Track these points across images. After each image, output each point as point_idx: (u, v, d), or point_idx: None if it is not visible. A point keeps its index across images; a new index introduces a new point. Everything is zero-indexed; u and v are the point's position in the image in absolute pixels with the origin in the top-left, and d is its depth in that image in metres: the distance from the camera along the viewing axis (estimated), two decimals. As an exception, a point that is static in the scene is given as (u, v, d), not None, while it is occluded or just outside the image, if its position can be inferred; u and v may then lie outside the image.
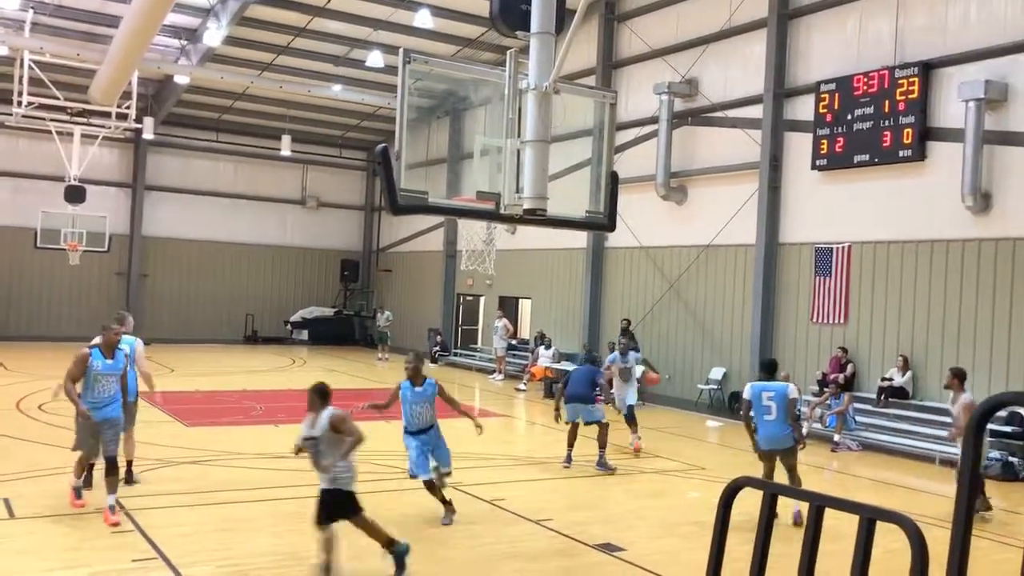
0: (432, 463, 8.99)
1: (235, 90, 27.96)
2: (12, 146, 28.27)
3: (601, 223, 6.96)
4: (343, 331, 32.96)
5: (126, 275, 30.20)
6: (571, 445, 12.13)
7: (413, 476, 8.91)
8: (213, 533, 8.32)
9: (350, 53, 25.61)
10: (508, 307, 26.00)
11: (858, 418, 15.47)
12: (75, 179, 24.03)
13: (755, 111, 18.52)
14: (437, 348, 27.81)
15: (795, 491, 2.80)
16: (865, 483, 12.57)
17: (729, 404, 18.52)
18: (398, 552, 7.15)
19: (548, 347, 21.75)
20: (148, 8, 14.91)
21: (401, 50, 6.01)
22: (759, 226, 18.18)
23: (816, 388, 16.41)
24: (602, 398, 12.61)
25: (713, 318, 19.53)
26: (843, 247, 16.80)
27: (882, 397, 15.52)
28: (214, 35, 22.81)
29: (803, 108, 17.66)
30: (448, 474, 9.20)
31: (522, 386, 21.40)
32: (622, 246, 21.46)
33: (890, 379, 15.58)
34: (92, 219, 25.17)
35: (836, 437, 14.91)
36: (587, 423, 12.01)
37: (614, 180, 6.84)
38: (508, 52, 6.21)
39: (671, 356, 20.32)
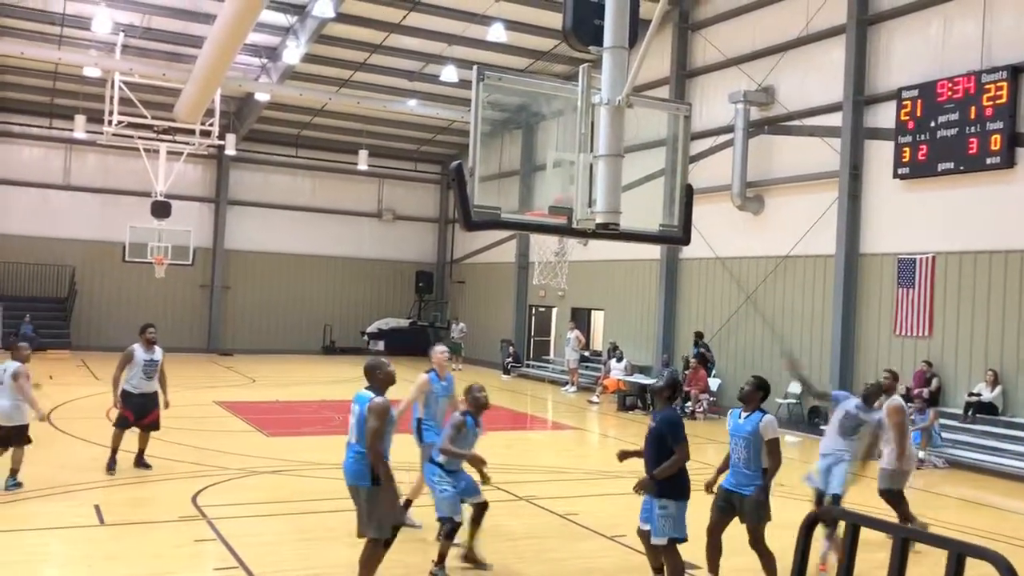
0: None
1: (314, 106, 28.58)
2: (102, 163, 29.42)
3: (675, 236, 6.88)
4: (418, 342, 33.22)
5: (209, 288, 31.09)
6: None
7: (444, 519, 7.49)
8: (292, 543, 8.47)
9: (425, 68, 25.96)
10: (580, 319, 25.91)
11: (944, 434, 14.95)
12: (161, 195, 24.84)
13: (834, 119, 18.13)
14: (509, 359, 27.87)
15: (879, 522, 2.70)
16: (951, 502, 12.13)
17: (809, 418, 18.11)
18: None
19: (620, 359, 21.60)
20: (230, 28, 15.37)
21: (475, 68, 6.06)
22: (839, 236, 17.77)
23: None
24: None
25: (791, 330, 19.13)
26: (927, 257, 16.29)
27: (969, 412, 14.98)
28: (293, 53, 23.39)
29: (884, 115, 17.22)
30: (484, 505, 7.85)
31: (595, 398, 21.30)
32: (697, 257, 21.20)
33: (978, 394, 15.03)
34: (177, 233, 25.99)
35: (921, 454, 14.42)
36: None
37: (689, 193, 6.76)
38: (581, 67, 6.20)
39: (748, 369, 19.90)
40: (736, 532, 7.50)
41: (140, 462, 11.21)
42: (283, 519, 9.32)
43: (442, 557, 7.50)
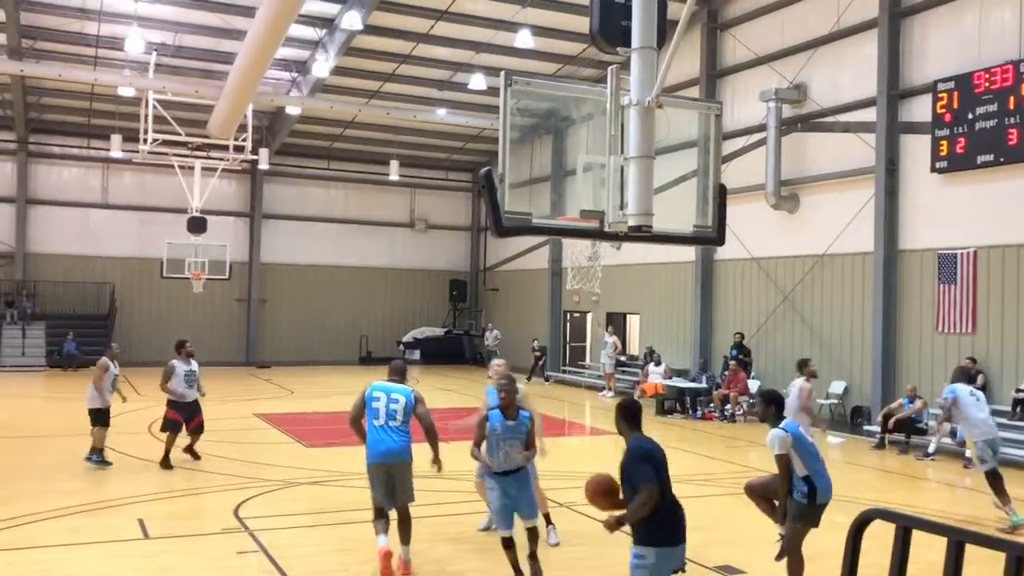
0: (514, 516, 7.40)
1: (344, 118, 28.80)
2: (139, 181, 29.86)
3: (710, 237, 6.78)
4: (453, 350, 33.36)
5: (246, 301, 31.41)
6: None
7: (486, 529, 7.35)
8: (333, 554, 8.49)
9: (453, 77, 26.05)
10: (616, 323, 25.79)
11: (992, 432, 14.61)
12: (197, 210, 25.16)
13: (868, 114, 17.89)
14: (542, 361, 27.62)
15: (931, 524, 2.60)
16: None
17: (851, 419, 17.84)
18: None
19: (658, 363, 21.44)
20: (261, 43, 15.54)
21: (503, 73, 6.03)
22: (877, 233, 17.51)
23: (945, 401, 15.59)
24: None
25: (831, 330, 18.87)
26: (968, 252, 15.99)
27: (1018, 409, 14.65)
28: (323, 66, 23.60)
29: (920, 109, 16.95)
30: (534, 531, 7.45)
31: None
32: (732, 258, 21.01)
33: (1026, 390, 14.70)
34: (213, 248, 26.33)
35: (968, 453, 14.13)
36: None
37: (722, 193, 6.67)
38: (609, 68, 6.15)
39: (787, 370, 19.67)
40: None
41: (192, 452, 12.79)
42: (324, 530, 9.35)
43: (514, 566, 7.31)
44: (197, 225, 25.24)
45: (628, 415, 6.12)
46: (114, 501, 10.20)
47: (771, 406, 7.31)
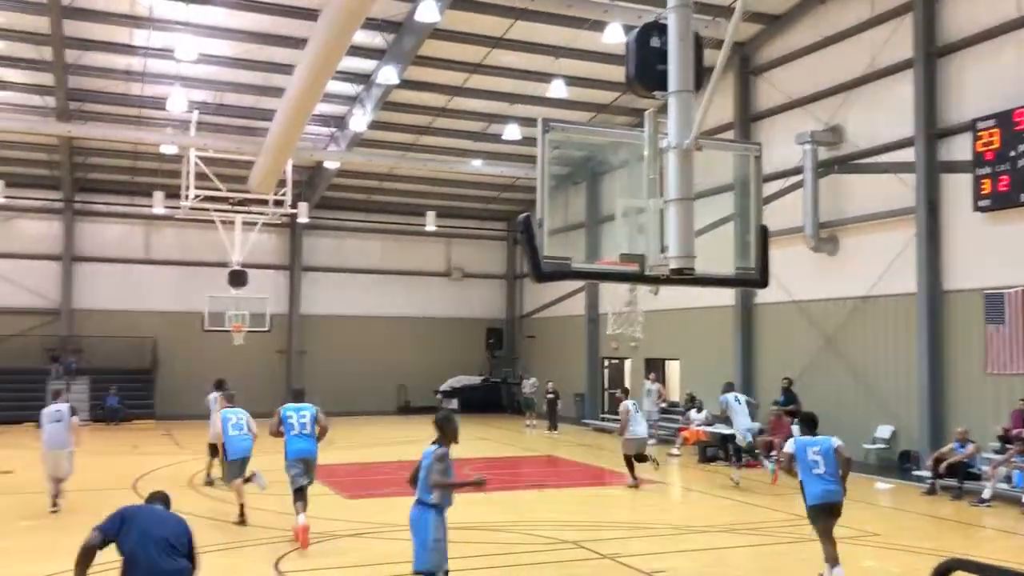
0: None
1: (381, 171, 29.19)
2: (181, 236, 30.41)
3: (753, 279, 6.73)
4: (491, 398, 33.21)
5: (286, 353, 31.64)
6: None
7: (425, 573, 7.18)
8: (374, 607, 8.37)
9: (488, 128, 26.34)
10: (655, 368, 25.54)
11: (1050, 476, 14.16)
12: (238, 264, 25.49)
13: (907, 154, 17.73)
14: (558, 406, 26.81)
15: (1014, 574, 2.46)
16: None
17: (900, 463, 17.39)
18: None
19: (700, 410, 21.13)
20: (299, 100, 15.85)
21: (540, 120, 6.08)
22: (919, 274, 17.23)
23: (998, 445, 15.17)
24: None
25: (876, 373, 18.50)
26: (1017, 292, 15.65)
27: (1074, 452, 14.17)
28: (360, 121, 24.00)
29: (960, 147, 16.76)
30: None
31: (675, 451, 20.82)
32: (772, 301, 20.77)
33: (1083, 432, 14.23)
34: (254, 301, 26.61)
35: (1025, 498, 13.68)
36: None
37: (764, 234, 6.63)
38: (646, 113, 6.18)
39: (832, 414, 19.24)
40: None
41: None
42: (365, 583, 9.23)
43: None
44: (238, 278, 25.55)
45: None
46: (156, 555, 10.15)
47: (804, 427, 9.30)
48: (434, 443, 7.15)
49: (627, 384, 27.21)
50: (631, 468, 15.70)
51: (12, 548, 10.62)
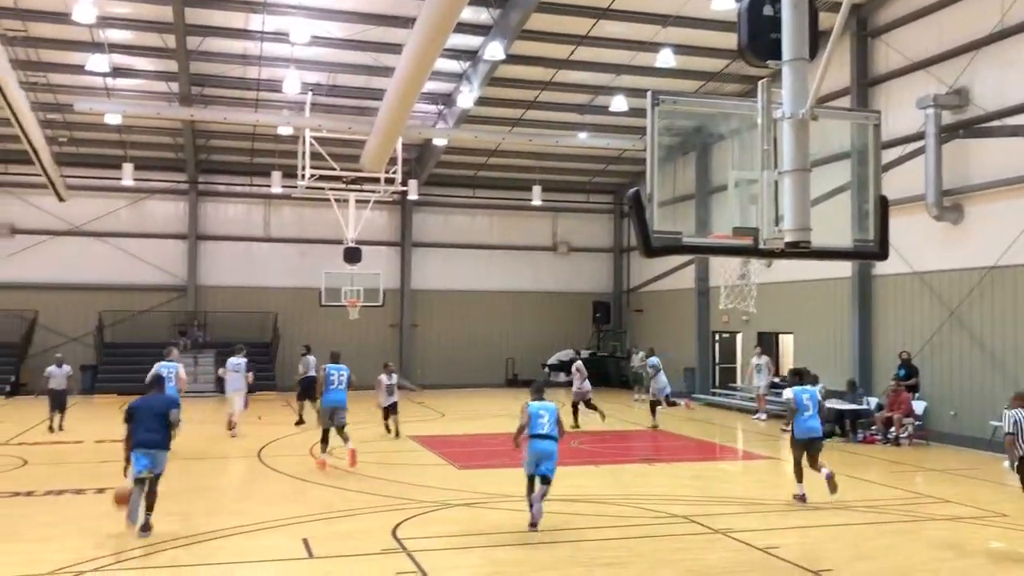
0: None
1: (488, 147, 29.40)
2: (298, 215, 31.46)
3: (872, 252, 6.52)
4: (598, 372, 33.10)
5: (398, 327, 32.41)
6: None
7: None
8: None
9: (594, 100, 26.15)
10: (767, 343, 25.00)
11: None
12: (352, 241, 26.21)
13: (1040, 116, 16.71)
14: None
15: None
16: None
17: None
18: None
19: (814, 384, 20.56)
20: (408, 79, 16.09)
21: (649, 93, 6.03)
22: (1054, 242, 16.28)
23: None
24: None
25: (1004, 346, 17.63)
26: None
27: None
28: (467, 97, 24.21)
29: (1100, 107, 15.70)
30: None
31: (786, 426, 20.39)
32: (891, 273, 20.01)
33: None
34: (367, 277, 27.37)
35: None
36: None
37: (884, 205, 6.41)
38: (760, 82, 6.05)
39: (956, 390, 18.57)
40: (964, 565, 6.90)
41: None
42: (478, 552, 9.46)
43: None
44: (352, 255, 26.27)
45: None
46: (280, 521, 10.66)
47: (794, 377, 13.37)
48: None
49: (738, 359, 26.69)
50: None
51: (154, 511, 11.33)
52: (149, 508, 9.81)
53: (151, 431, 9.89)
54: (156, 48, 22.51)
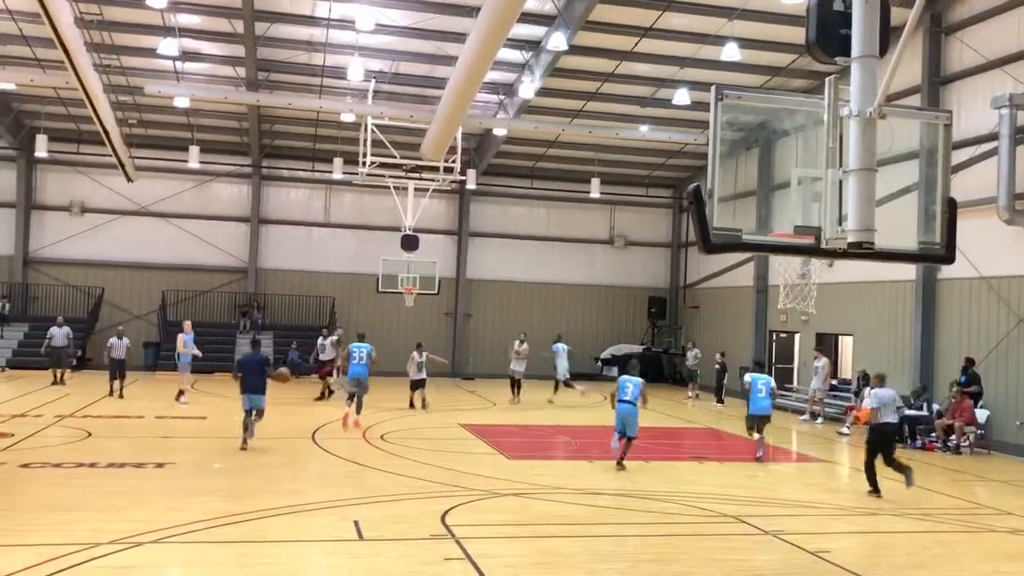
0: None
1: (548, 138, 29.33)
2: (358, 201, 31.81)
3: (938, 255, 6.36)
4: (651, 368, 32.87)
5: (453, 315, 32.60)
6: None
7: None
8: (532, 566, 8.61)
9: (656, 93, 25.90)
10: (826, 344, 24.55)
11: None
12: (410, 229, 26.41)
13: (1122, 119, 16.09)
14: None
15: None
16: None
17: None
18: None
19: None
20: (471, 68, 16.15)
21: (713, 88, 5.96)
22: None
23: None
24: None
25: (1074, 357, 17.06)
26: None
27: None
28: (528, 88, 24.17)
29: None
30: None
31: (845, 430, 20.05)
32: (958, 277, 19.48)
33: None
34: (424, 265, 27.58)
35: None
36: None
37: (952, 207, 6.25)
38: (828, 79, 5.93)
39: (1022, 400, 18.03)
40: None
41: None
42: (524, 542, 9.49)
43: None
44: (410, 243, 26.47)
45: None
46: (333, 502, 10.84)
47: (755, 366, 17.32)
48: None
49: (796, 360, 26.25)
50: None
51: (210, 487, 11.60)
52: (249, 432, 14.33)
53: (253, 378, 14.34)
54: (225, 33, 22.91)
